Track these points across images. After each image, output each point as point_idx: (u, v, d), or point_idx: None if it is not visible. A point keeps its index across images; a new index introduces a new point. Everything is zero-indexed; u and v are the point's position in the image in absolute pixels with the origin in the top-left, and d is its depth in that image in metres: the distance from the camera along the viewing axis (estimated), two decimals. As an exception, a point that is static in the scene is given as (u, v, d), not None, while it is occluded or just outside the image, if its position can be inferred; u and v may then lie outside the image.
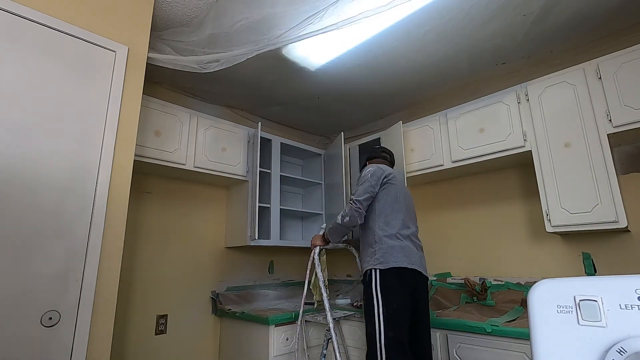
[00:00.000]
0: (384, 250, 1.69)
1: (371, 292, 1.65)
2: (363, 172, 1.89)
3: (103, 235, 1.39)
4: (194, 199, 2.60)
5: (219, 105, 2.86)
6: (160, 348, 2.23)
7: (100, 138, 1.45)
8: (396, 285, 1.63)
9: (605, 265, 1.91)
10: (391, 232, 1.73)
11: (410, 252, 1.71)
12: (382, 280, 1.64)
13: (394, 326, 1.58)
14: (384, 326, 1.58)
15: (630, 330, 0.40)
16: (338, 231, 1.89)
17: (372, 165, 1.93)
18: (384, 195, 1.81)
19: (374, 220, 1.78)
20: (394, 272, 1.65)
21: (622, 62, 1.75)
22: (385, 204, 1.80)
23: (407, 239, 1.75)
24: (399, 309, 1.60)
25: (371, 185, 1.80)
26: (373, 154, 2.15)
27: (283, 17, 1.69)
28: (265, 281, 2.89)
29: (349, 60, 2.26)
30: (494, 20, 1.89)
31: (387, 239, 1.71)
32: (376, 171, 1.85)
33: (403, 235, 1.74)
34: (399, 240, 1.71)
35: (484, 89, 2.45)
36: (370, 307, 1.64)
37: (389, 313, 1.59)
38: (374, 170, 1.85)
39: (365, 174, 1.85)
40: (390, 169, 1.91)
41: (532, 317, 0.47)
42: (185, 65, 1.86)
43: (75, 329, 1.27)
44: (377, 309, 1.61)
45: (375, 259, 1.69)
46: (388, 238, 1.71)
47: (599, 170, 1.74)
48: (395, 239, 1.71)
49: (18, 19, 1.32)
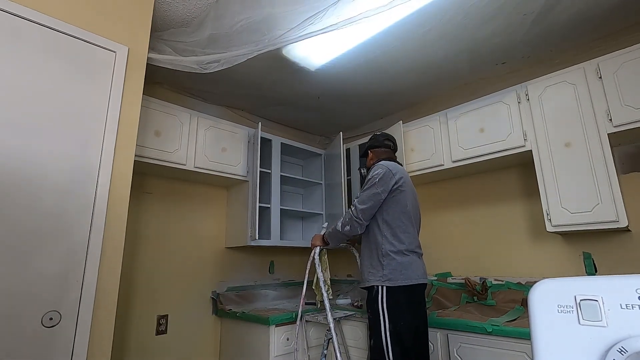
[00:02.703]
0: (392, 267, 1.62)
1: (377, 308, 1.61)
2: (371, 174, 1.75)
3: (103, 236, 1.39)
4: (194, 199, 2.60)
5: (219, 106, 2.86)
6: (161, 348, 2.23)
7: (101, 138, 1.45)
8: (404, 303, 1.60)
9: (606, 265, 1.91)
10: (400, 247, 1.65)
11: (417, 266, 1.67)
12: (390, 297, 1.59)
13: (401, 341, 1.56)
14: (391, 341, 1.55)
15: (631, 329, 0.40)
16: (338, 238, 1.85)
17: (380, 165, 1.77)
18: (392, 205, 1.69)
19: (380, 231, 1.69)
20: (402, 290, 1.60)
21: (622, 61, 1.75)
22: (393, 215, 1.68)
23: (414, 254, 1.68)
24: (406, 325, 1.58)
25: (377, 192, 1.67)
26: (375, 143, 1.99)
27: (283, 18, 1.69)
28: (265, 281, 2.89)
29: (349, 60, 2.26)
30: (494, 20, 1.89)
31: (395, 255, 1.63)
32: (386, 174, 1.70)
33: (410, 249, 1.67)
34: (407, 256, 1.64)
35: (484, 89, 2.45)
36: (376, 323, 1.61)
37: (396, 329, 1.56)
38: (383, 174, 1.70)
39: (373, 177, 1.72)
40: (400, 171, 1.78)
41: (533, 317, 0.47)
42: (185, 66, 1.86)
43: (75, 330, 1.27)
44: (384, 326, 1.58)
45: (382, 275, 1.62)
46: (396, 254, 1.63)
47: (599, 170, 1.74)
48: (403, 255, 1.64)
49: (18, 19, 1.32)
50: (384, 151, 1.97)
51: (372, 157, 1.98)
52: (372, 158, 1.98)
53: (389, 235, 1.66)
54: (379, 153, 1.96)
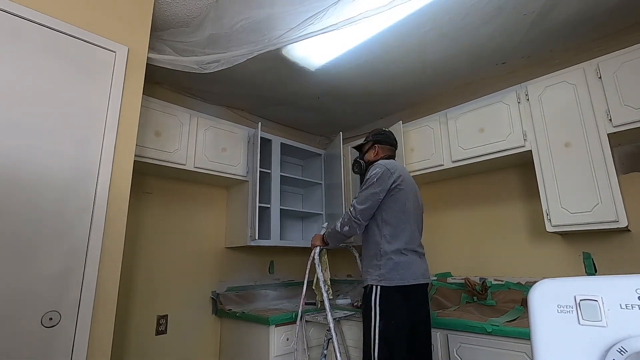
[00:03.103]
0: (390, 267, 1.59)
1: (370, 308, 1.59)
2: (369, 174, 1.73)
3: (103, 236, 1.39)
4: (194, 199, 2.60)
5: (219, 106, 2.86)
6: (161, 348, 2.23)
7: (101, 138, 1.45)
8: (398, 304, 1.57)
9: (606, 265, 1.91)
10: (398, 246, 1.62)
11: (416, 266, 1.64)
12: (383, 298, 1.57)
13: (389, 342, 1.53)
14: (378, 341, 1.53)
15: (631, 329, 0.40)
16: (337, 238, 1.83)
17: (379, 164, 1.74)
18: (391, 204, 1.66)
19: (379, 230, 1.67)
20: (397, 290, 1.57)
21: (622, 61, 1.75)
22: (391, 214, 1.66)
23: (413, 253, 1.65)
24: (397, 326, 1.55)
25: (376, 192, 1.65)
26: (383, 138, 1.94)
27: (283, 18, 1.69)
28: (265, 281, 2.89)
29: (349, 60, 2.26)
30: (494, 20, 1.89)
31: (393, 255, 1.61)
32: (384, 174, 1.67)
33: (410, 249, 1.64)
34: (405, 256, 1.62)
35: (484, 89, 2.45)
36: (367, 321, 1.59)
37: (387, 329, 1.54)
38: (381, 173, 1.68)
39: (371, 177, 1.69)
40: (400, 169, 1.75)
41: (533, 317, 0.47)
42: (185, 66, 1.86)
43: (75, 330, 1.27)
44: (374, 324, 1.55)
45: (379, 275, 1.61)
46: (394, 254, 1.61)
47: (599, 170, 1.74)
48: (401, 254, 1.61)
49: (18, 19, 1.32)
50: (389, 149, 1.94)
51: (377, 153, 1.93)
52: (377, 153, 1.93)
53: (388, 234, 1.64)
54: (384, 150, 1.94)
